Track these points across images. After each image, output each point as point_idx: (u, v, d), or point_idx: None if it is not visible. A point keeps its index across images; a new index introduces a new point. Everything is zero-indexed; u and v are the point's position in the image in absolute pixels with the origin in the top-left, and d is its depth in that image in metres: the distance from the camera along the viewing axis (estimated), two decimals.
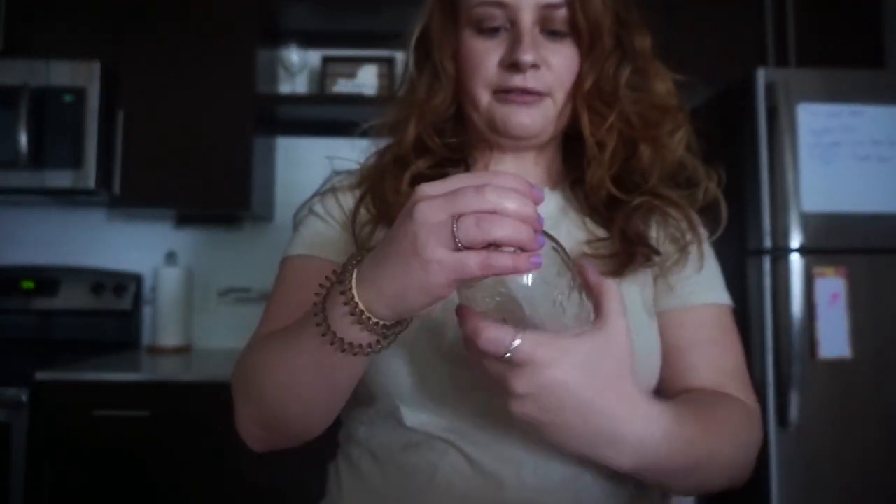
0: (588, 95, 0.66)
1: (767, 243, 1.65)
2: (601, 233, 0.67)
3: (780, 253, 1.63)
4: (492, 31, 0.64)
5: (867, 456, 1.62)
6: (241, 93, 2.05)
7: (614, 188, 0.66)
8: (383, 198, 0.66)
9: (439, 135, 0.69)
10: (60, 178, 1.92)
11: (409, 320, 0.49)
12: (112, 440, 1.67)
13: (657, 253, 0.65)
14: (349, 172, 0.74)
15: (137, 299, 2.23)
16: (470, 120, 0.69)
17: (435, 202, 0.42)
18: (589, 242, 0.66)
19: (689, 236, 0.67)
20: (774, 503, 1.60)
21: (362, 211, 0.67)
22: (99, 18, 2.03)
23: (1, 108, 1.88)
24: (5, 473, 1.60)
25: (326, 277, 0.51)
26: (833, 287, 1.62)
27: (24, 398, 1.62)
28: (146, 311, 2.26)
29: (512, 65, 0.63)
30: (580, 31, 0.64)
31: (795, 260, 1.59)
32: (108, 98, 1.98)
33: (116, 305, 2.18)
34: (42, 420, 1.65)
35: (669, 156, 0.68)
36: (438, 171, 0.66)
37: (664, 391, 0.65)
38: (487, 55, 0.64)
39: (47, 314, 2.17)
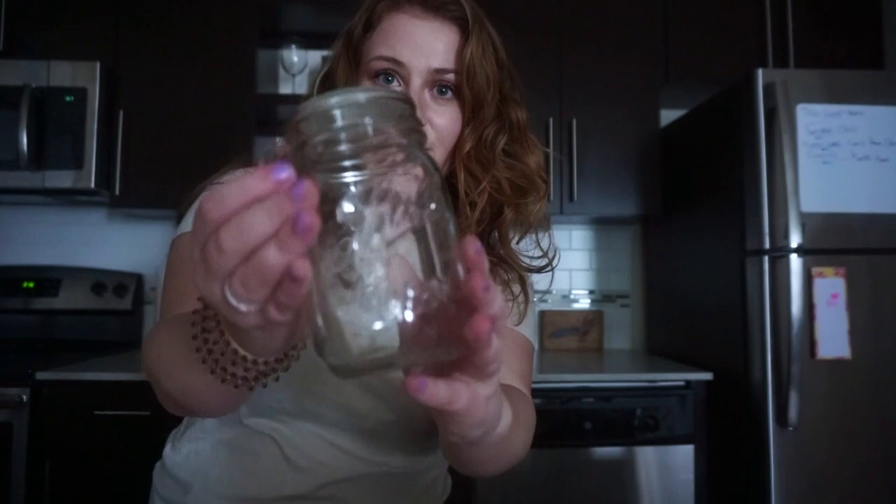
0: (467, 157, 0.72)
1: (766, 243, 1.66)
2: None
3: (780, 253, 1.63)
4: (386, 82, 0.70)
5: (866, 456, 1.62)
6: (241, 93, 2.05)
7: None
8: None
9: None
10: (61, 179, 1.92)
11: (296, 354, 0.44)
12: (113, 440, 1.67)
13: None
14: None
15: (138, 299, 2.23)
16: None
17: (191, 243, 0.34)
18: None
19: (521, 297, 0.76)
20: (774, 503, 1.60)
21: None
22: (99, 19, 2.04)
23: (2, 108, 1.88)
24: (6, 473, 1.61)
25: (195, 312, 0.44)
26: (832, 287, 1.62)
27: (24, 398, 1.62)
28: (147, 310, 2.27)
29: None
30: (465, 98, 0.70)
31: (794, 260, 1.59)
32: (108, 98, 1.98)
33: (117, 305, 2.18)
34: (43, 420, 1.66)
35: (528, 222, 0.76)
36: None
37: None
38: None
39: (48, 314, 2.17)
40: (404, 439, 0.74)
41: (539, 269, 0.78)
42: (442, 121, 0.70)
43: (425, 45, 0.68)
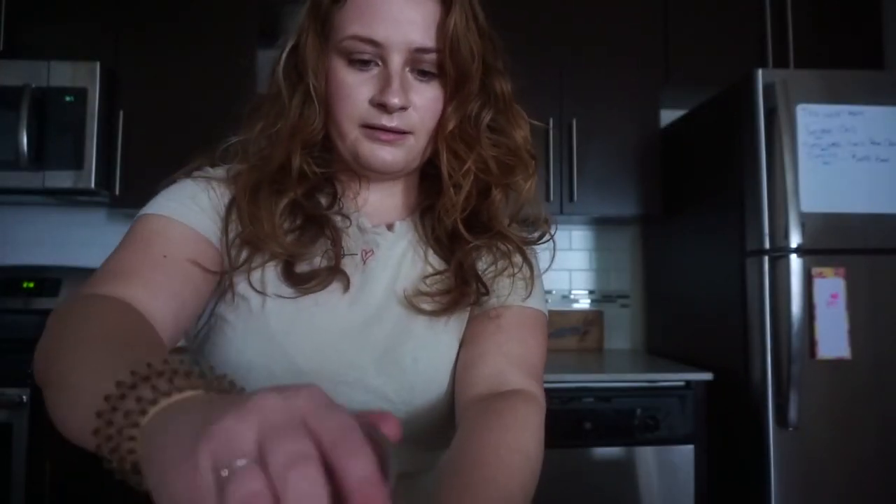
0: (450, 136, 0.67)
1: (766, 243, 1.66)
2: (440, 265, 0.71)
3: (780, 253, 1.63)
4: (362, 64, 0.64)
5: (866, 456, 1.62)
6: (241, 93, 2.05)
7: (463, 228, 0.69)
8: (256, 218, 0.65)
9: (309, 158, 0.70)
10: (61, 179, 1.92)
11: None
12: None
13: (486, 292, 0.70)
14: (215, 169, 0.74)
15: None
16: (337, 147, 0.69)
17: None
18: (425, 278, 0.70)
19: (525, 271, 0.72)
20: (773, 503, 1.60)
21: (231, 225, 0.67)
22: (99, 19, 2.04)
23: (2, 108, 1.88)
24: (6, 473, 1.61)
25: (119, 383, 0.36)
26: (832, 287, 1.62)
27: (24, 398, 1.63)
28: None
29: (380, 105, 0.63)
30: (448, 75, 0.65)
31: (794, 260, 1.59)
32: (108, 99, 1.98)
33: None
34: (43, 420, 1.65)
35: (518, 201, 0.72)
36: (311, 200, 0.69)
37: (456, 384, 0.69)
38: (358, 89, 0.64)
39: (48, 314, 2.16)
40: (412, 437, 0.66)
41: (537, 241, 0.75)
42: (423, 101, 0.65)
43: (403, 19, 0.62)
